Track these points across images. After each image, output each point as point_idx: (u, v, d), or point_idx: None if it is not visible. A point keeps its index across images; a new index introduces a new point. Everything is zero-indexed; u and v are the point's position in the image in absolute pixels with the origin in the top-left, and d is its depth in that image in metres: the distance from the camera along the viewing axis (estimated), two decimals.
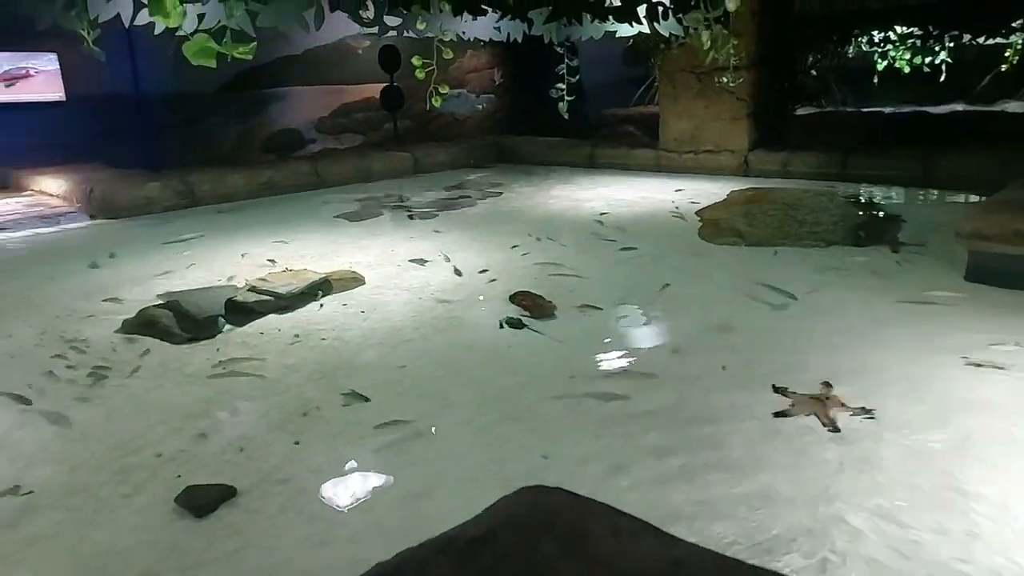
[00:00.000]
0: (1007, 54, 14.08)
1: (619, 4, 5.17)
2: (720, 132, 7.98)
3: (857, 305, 3.64)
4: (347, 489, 2.23)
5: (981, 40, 14.41)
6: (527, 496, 1.46)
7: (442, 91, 4.18)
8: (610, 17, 5.43)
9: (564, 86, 7.00)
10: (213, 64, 3.05)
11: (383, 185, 8.26)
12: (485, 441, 2.47)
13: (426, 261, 4.77)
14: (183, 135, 9.03)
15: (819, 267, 4.33)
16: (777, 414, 2.60)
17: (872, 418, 2.53)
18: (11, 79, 8.25)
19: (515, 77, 12.39)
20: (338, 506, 2.14)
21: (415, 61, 4.16)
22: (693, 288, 4.05)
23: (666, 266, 4.49)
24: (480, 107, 12.27)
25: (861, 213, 5.34)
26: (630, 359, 3.12)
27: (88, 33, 4.27)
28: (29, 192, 7.43)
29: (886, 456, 2.25)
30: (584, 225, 5.83)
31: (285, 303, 3.81)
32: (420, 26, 4.26)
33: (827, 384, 2.80)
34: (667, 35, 6.46)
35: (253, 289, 3.89)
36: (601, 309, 3.74)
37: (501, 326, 3.55)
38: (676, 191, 7.18)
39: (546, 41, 6.77)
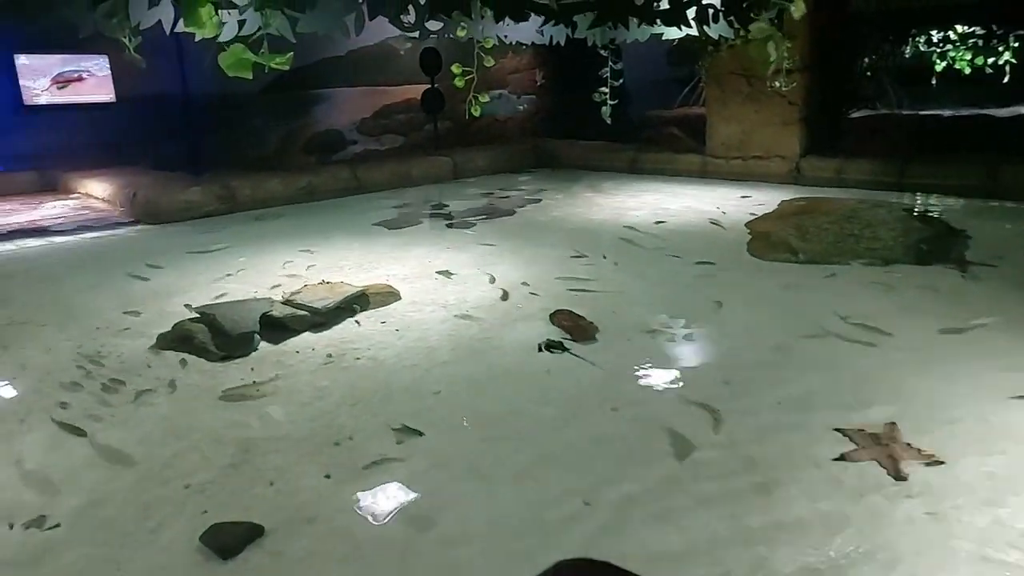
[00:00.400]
0: None
1: (667, 7, 4.97)
2: (770, 137, 7.70)
3: (923, 333, 3.40)
4: (378, 531, 2.12)
5: None
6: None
7: (482, 100, 4.06)
8: (657, 20, 5.23)
9: (607, 90, 6.84)
10: (249, 75, 2.98)
11: (423, 191, 8.20)
12: (523, 483, 2.33)
13: (463, 275, 4.66)
14: (228, 136, 9.18)
15: (879, 288, 4.08)
16: (838, 459, 2.42)
17: (942, 463, 2.33)
18: (64, 81, 8.44)
19: (557, 78, 12.22)
20: (368, 550, 2.03)
21: (455, 69, 4.04)
22: (743, 311, 3.84)
23: (714, 285, 4.29)
24: (521, 108, 12.14)
25: (923, 227, 5.05)
26: (676, 389, 2.95)
27: (129, 40, 4.26)
28: (77, 195, 7.55)
29: (962, 518, 2.05)
30: (627, 236, 5.65)
31: (321, 319, 3.73)
32: (461, 32, 4.14)
33: (892, 424, 2.60)
34: (716, 37, 6.25)
35: (289, 303, 3.83)
36: (648, 333, 3.57)
37: (540, 349, 3.41)
38: (724, 199, 6.94)
39: (589, 44, 6.61)
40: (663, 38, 6.47)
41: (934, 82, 14.71)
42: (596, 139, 9.68)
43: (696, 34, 6.22)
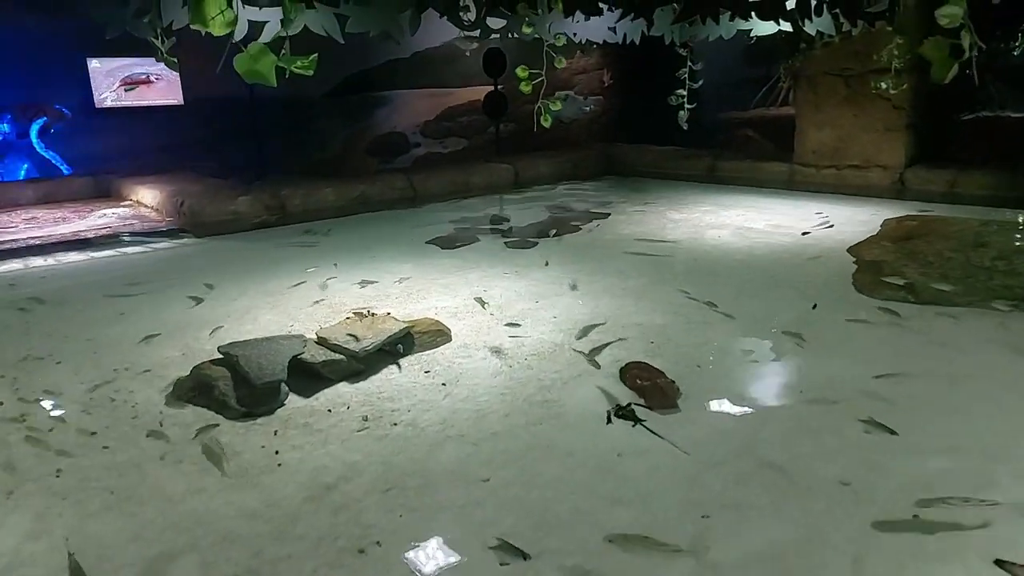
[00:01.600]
0: None
1: None
2: (871, 145, 6.86)
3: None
4: None
5: None
6: None
7: (553, 107, 3.49)
8: (752, 14, 4.56)
9: (685, 92, 6.18)
10: (272, 81, 2.53)
11: (481, 201, 7.68)
12: None
13: (520, 309, 4.12)
14: (293, 139, 9.05)
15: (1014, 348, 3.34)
16: None
17: None
18: (132, 83, 8.33)
19: (625, 78, 11.54)
20: None
21: (520, 72, 3.48)
22: (850, 374, 3.16)
23: (814, 335, 3.61)
24: (587, 110, 11.52)
25: None
26: (780, 489, 2.33)
27: (162, 41, 3.89)
28: (129, 202, 7.37)
29: None
30: (708, 263, 5.02)
31: (359, 366, 3.26)
32: (527, 29, 3.59)
33: None
34: (813, 34, 5.51)
35: (323, 341, 3.36)
36: (742, 399, 2.96)
37: (609, 419, 2.84)
38: (817, 215, 6.19)
39: (667, 42, 5.96)
40: (751, 34, 5.78)
41: None
42: (666, 143, 8.98)
43: (790, 30, 5.52)
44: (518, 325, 3.88)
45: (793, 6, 4.66)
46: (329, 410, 2.97)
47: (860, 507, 2.23)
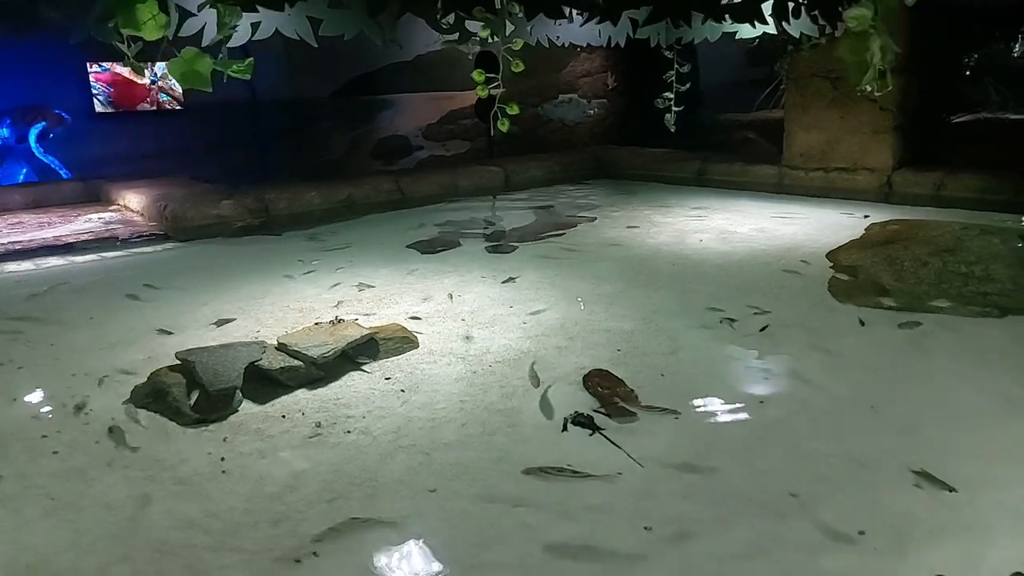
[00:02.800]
0: None
1: (738, 1, 4.25)
2: (858, 147, 6.81)
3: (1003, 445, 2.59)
4: None
5: None
6: None
7: (511, 111, 3.45)
8: (727, 17, 4.51)
9: (672, 95, 6.14)
10: (207, 88, 2.50)
11: (470, 205, 7.64)
12: None
13: (493, 315, 4.08)
14: (297, 141, 9.14)
15: (995, 356, 3.28)
16: None
17: None
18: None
19: (629, 82, 11.50)
20: None
21: (476, 76, 3.45)
22: (820, 385, 3.12)
23: (785, 342, 3.57)
24: (591, 112, 11.48)
25: None
26: (729, 503, 2.28)
27: (128, 47, 3.87)
28: (116, 207, 7.37)
29: None
30: (686, 268, 4.97)
31: (319, 373, 3.22)
32: (483, 33, 3.54)
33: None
34: (797, 36, 5.46)
35: (283, 347, 3.33)
36: (703, 411, 2.91)
37: (565, 427, 2.80)
38: (803, 219, 6.14)
39: (652, 44, 5.92)
40: (736, 37, 5.73)
41: None
42: (666, 146, 8.92)
43: (773, 32, 5.46)
44: (487, 330, 3.85)
45: (770, 10, 4.60)
46: (283, 416, 2.94)
47: (807, 519, 2.18)
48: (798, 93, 7.11)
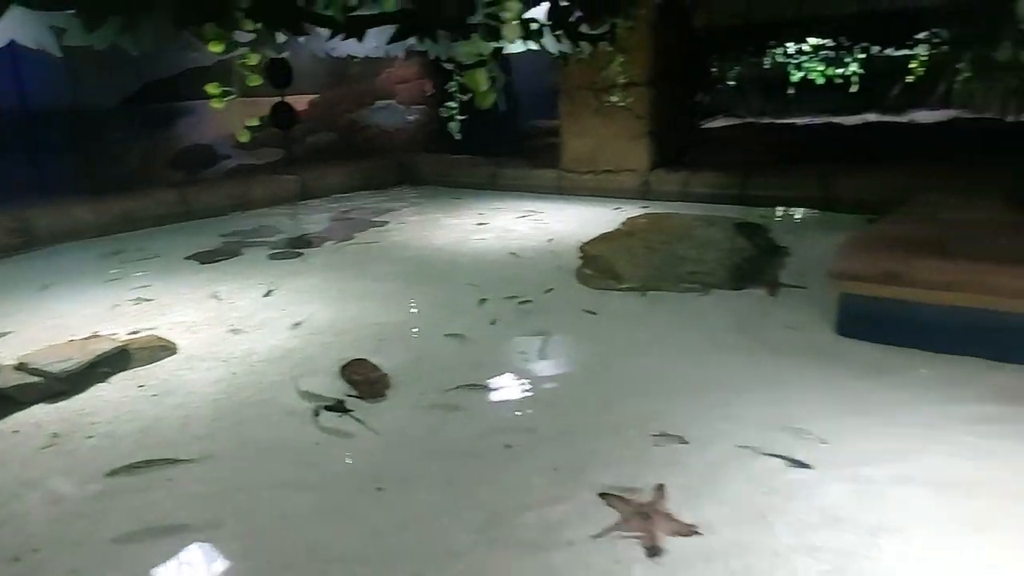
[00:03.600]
0: (913, 65, 14.34)
1: (481, 20, 4.67)
2: (620, 152, 7.63)
3: (702, 380, 3.19)
4: None
5: (890, 52, 14.66)
6: None
7: (250, 123, 3.61)
8: (473, 35, 4.93)
9: (455, 105, 6.55)
10: None
11: (262, 215, 7.58)
12: None
13: (264, 319, 4.19)
14: (82, 154, 8.32)
15: (682, 321, 3.95)
16: (597, 536, 2.16)
17: (699, 534, 2.13)
18: None
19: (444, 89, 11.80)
20: None
21: (210, 89, 3.58)
22: (559, 355, 3.60)
23: (529, 323, 4.03)
24: (410, 119, 11.66)
25: (748, 246, 4.99)
26: (455, 458, 2.62)
27: None
28: None
29: None
30: (461, 266, 5.35)
31: (60, 387, 3.18)
32: (215, 48, 3.63)
33: (660, 488, 2.37)
34: (556, 53, 6.07)
35: (22, 367, 3.24)
36: (447, 390, 3.25)
37: (316, 413, 3.02)
38: (573, 217, 6.80)
39: (431, 58, 6.27)
40: (503, 52, 6.24)
41: (792, 92, 15.42)
42: (480, 153, 9.26)
43: (537, 48, 6.03)
44: (256, 333, 3.95)
45: (516, 29, 5.09)
46: (16, 431, 2.89)
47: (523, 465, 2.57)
48: (569, 103, 7.83)
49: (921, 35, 14.13)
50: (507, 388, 3.23)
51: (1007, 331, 3.09)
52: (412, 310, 4.30)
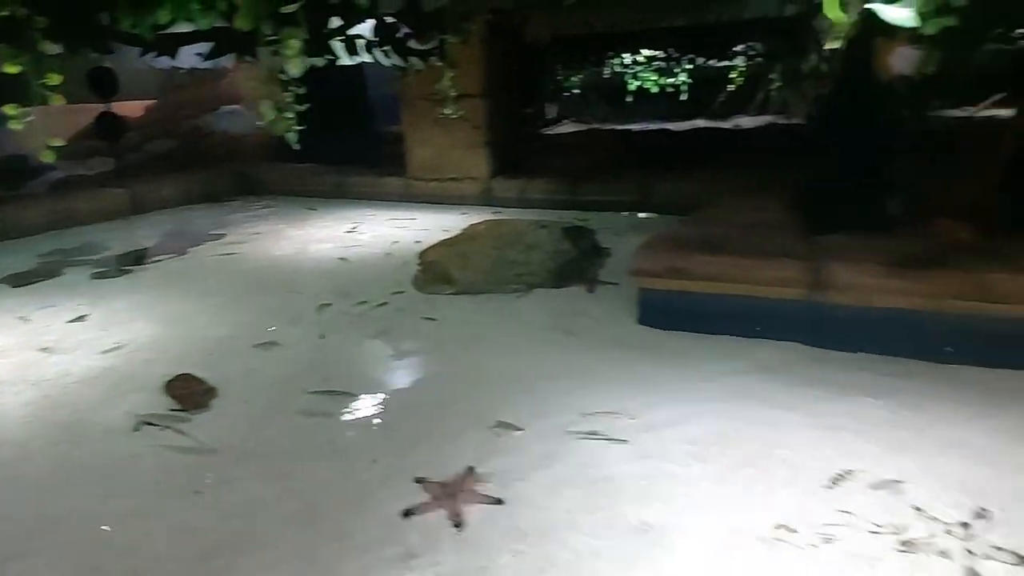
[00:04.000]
0: (733, 76, 15.78)
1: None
2: (461, 160, 7.94)
3: (516, 369, 3.53)
4: None
5: (714, 62, 16.05)
6: None
7: (52, 143, 3.53)
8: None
9: (291, 115, 6.56)
10: None
11: (87, 232, 7.17)
12: None
13: (81, 340, 4.08)
14: None
15: (504, 320, 4.28)
16: (406, 513, 2.40)
17: (501, 503, 2.41)
18: None
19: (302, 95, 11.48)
20: None
21: (9, 110, 3.48)
22: (370, 359, 3.81)
23: (368, 327, 4.21)
24: (259, 124, 11.22)
25: (571, 248, 5.42)
26: (276, 460, 2.76)
27: None
28: None
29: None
30: (298, 276, 5.42)
31: None
32: (11, 69, 3.48)
33: (470, 469, 2.65)
34: (389, 64, 6.25)
35: None
36: (274, 397, 3.35)
37: (136, 428, 3.03)
38: (417, 224, 7.01)
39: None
40: (337, 63, 6.33)
41: (631, 99, 16.49)
42: (332, 161, 9.13)
43: (371, 61, 6.17)
44: (71, 355, 3.85)
45: (341, 45, 5.22)
46: None
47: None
48: (410, 113, 8.04)
49: (739, 47, 15.62)
50: (336, 393, 3.38)
51: (763, 314, 3.65)
52: (243, 323, 4.34)
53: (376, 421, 3.07)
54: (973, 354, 3.32)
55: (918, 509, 2.32)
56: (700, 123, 14.99)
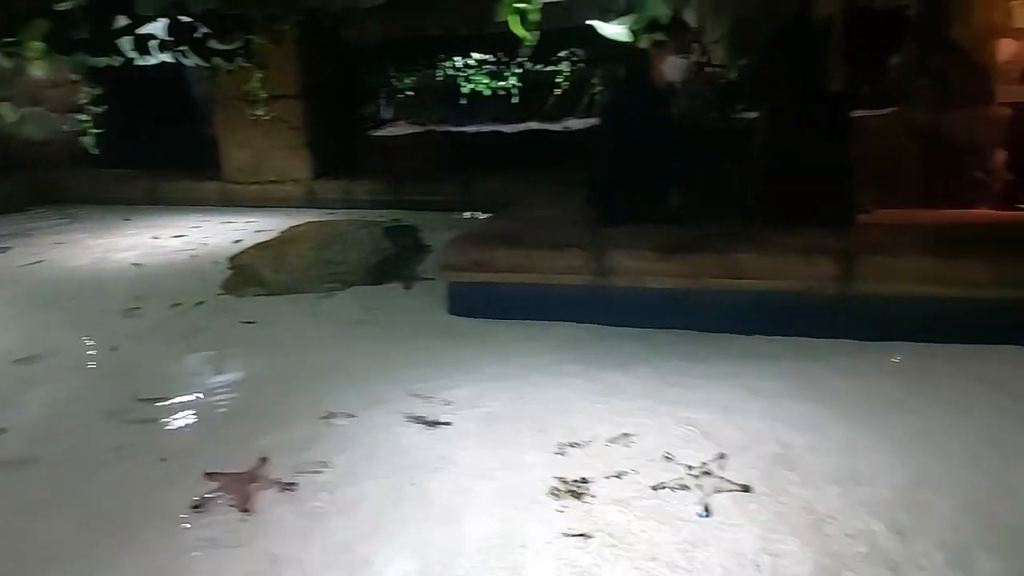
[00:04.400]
0: (559, 80, 16.54)
1: (87, 36, 4.52)
2: (282, 161, 7.78)
3: (330, 367, 3.60)
4: None
5: (541, 67, 16.71)
6: None
7: None
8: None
9: (87, 117, 6.19)
10: None
11: None
12: None
13: None
14: None
15: (318, 317, 4.34)
16: (195, 507, 2.42)
17: (293, 489, 2.49)
18: None
19: (115, 96, 10.43)
20: None
21: None
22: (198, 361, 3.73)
23: (174, 333, 4.10)
24: (64, 128, 10.11)
25: (392, 246, 5.53)
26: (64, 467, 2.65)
27: None
28: None
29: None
30: (97, 285, 5.12)
31: None
32: None
33: (263, 459, 2.70)
34: (191, 65, 6.05)
35: None
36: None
37: None
38: (231, 229, 6.80)
39: (102, 67, 5.76)
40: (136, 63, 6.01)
41: (465, 102, 16.79)
42: (159, 166, 8.42)
43: (172, 62, 5.92)
44: None
45: (131, 44, 4.97)
46: None
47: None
48: (224, 114, 7.75)
49: (562, 53, 16.40)
50: (147, 400, 3.27)
51: (557, 300, 3.99)
52: (31, 336, 4.05)
53: (158, 421, 3.04)
54: (730, 324, 3.83)
55: (668, 457, 2.67)
56: (533, 125, 15.60)
